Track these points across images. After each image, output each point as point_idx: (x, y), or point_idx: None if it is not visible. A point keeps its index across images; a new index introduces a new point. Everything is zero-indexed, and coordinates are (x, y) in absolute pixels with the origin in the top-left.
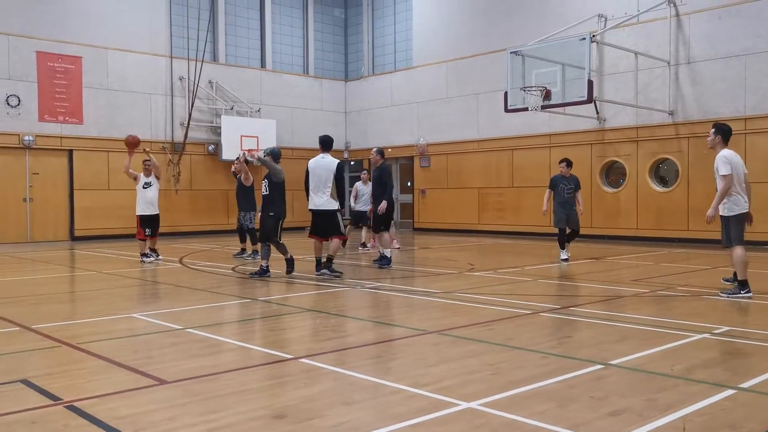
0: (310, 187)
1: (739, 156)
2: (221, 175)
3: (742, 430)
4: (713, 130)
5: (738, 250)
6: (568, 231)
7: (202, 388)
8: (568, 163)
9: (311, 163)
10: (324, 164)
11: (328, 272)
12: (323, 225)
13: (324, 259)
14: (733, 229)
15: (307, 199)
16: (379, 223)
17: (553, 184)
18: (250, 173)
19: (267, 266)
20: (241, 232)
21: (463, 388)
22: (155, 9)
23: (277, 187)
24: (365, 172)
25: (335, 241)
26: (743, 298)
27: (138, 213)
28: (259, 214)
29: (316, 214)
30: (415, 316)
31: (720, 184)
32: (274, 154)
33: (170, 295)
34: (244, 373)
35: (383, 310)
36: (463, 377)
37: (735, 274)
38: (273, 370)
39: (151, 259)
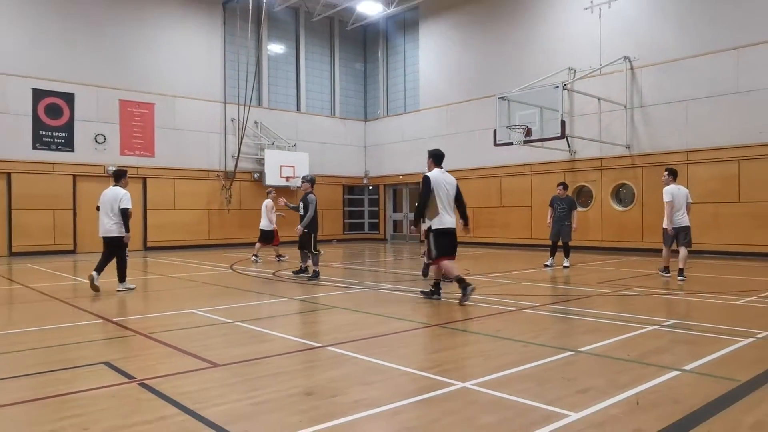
0: (444, 205)
1: (682, 188)
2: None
3: (684, 404)
4: (666, 172)
5: (682, 250)
6: (560, 243)
7: (246, 371)
8: (565, 186)
9: (435, 177)
10: (449, 180)
11: (437, 296)
12: (455, 243)
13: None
14: (669, 236)
15: (421, 215)
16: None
17: (551, 203)
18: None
19: (306, 267)
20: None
21: (459, 371)
22: (212, 65)
23: (311, 209)
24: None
25: (449, 265)
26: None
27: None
28: (299, 228)
29: (451, 233)
30: (420, 313)
31: (666, 207)
32: (312, 181)
33: (222, 295)
34: (281, 358)
35: (394, 307)
36: (459, 362)
37: (680, 270)
38: (305, 356)
39: (283, 258)
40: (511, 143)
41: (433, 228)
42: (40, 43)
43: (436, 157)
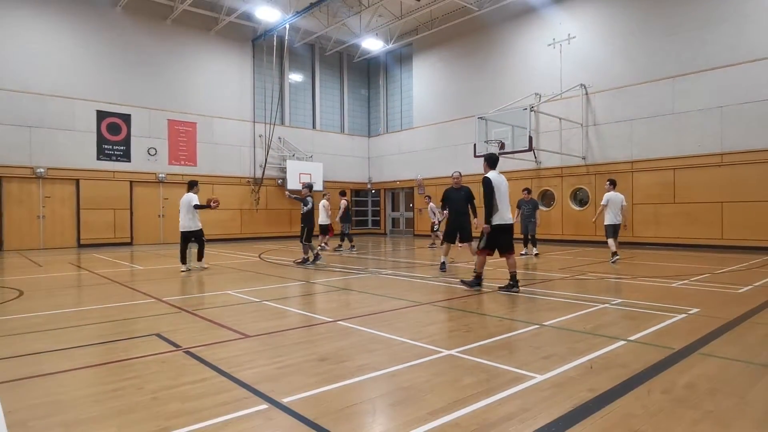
0: (503, 203)
1: (619, 194)
2: (286, 200)
3: (629, 368)
4: (608, 182)
5: (610, 241)
6: (529, 236)
7: (272, 341)
8: (528, 191)
9: (494, 178)
10: (505, 181)
11: (515, 289)
12: (509, 240)
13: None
14: (610, 230)
15: (490, 214)
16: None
17: (519, 205)
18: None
19: (307, 258)
20: (341, 235)
21: (446, 341)
22: (244, 91)
23: (308, 210)
24: (428, 196)
25: (514, 257)
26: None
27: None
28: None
29: (506, 230)
30: (414, 293)
31: (600, 208)
32: (309, 187)
33: (252, 279)
34: (300, 330)
35: (392, 289)
36: (446, 333)
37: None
38: (319, 329)
39: (326, 249)
40: None
41: (494, 224)
42: (103, 72)
43: (491, 161)
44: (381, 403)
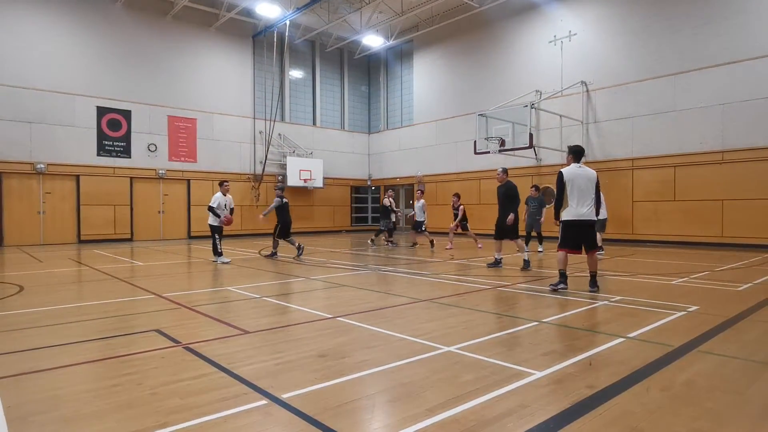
0: (575, 198)
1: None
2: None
3: (628, 365)
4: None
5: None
6: (534, 233)
7: (272, 337)
8: (537, 188)
9: (568, 173)
10: (585, 174)
11: (596, 288)
12: (586, 236)
13: (590, 276)
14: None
15: (558, 210)
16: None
17: (526, 201)
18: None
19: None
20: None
21: (445, 338)
22: (244, 87)
23: (282, 208)
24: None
25: (596, 256)
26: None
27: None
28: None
29: (580, 225)
30: (413, 290)
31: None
32: (281, 188)
33: (252, 275)
34: (300, 327)
35: (392, 286)
36: (445, 330)
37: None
38: (319, 325)
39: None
40: (489, 152)
41: (562, 219)
42: (103, 68)
43: (576, 154)
44: (380, 400)
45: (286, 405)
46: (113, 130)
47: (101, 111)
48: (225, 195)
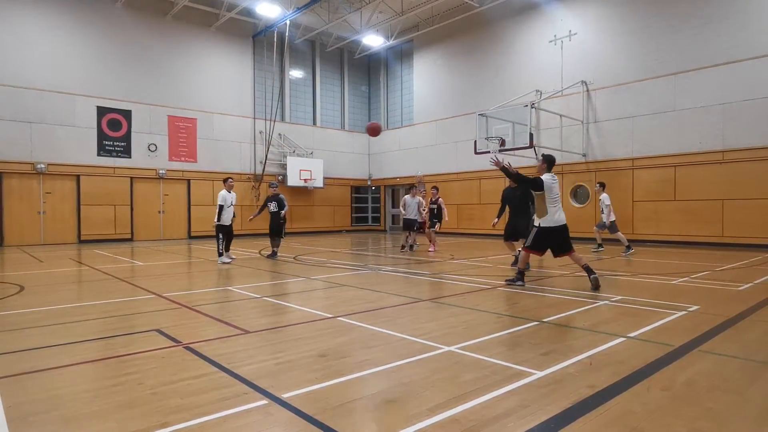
0: (554, 206)
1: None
2: (287, 195)
3: (629, 365)
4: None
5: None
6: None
7: (272, 337)
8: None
9: (547, 181)
10: (557, 183)
11: (595, 274)
12: (562, 240)
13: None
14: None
15: (519, 176)
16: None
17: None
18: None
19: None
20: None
21: (445, 338)
22: (244, 87)
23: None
24: (415, 188)
25: (576, 255)
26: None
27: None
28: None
29: (558, 230)
30: (414, 290)
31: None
32: (276, 186)
33: (253, 275)
34: (300, 326)
35: (392, 286)
36: (445, 330)
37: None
38: (319, 325)
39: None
40: (489, 152)
41: (541, 225)
42: (103, 68)
43: (552, 163)
44: (380, 399)
45: (287, 405)
46: (113, 130)
47: (101, 111)
48: (230, 192)
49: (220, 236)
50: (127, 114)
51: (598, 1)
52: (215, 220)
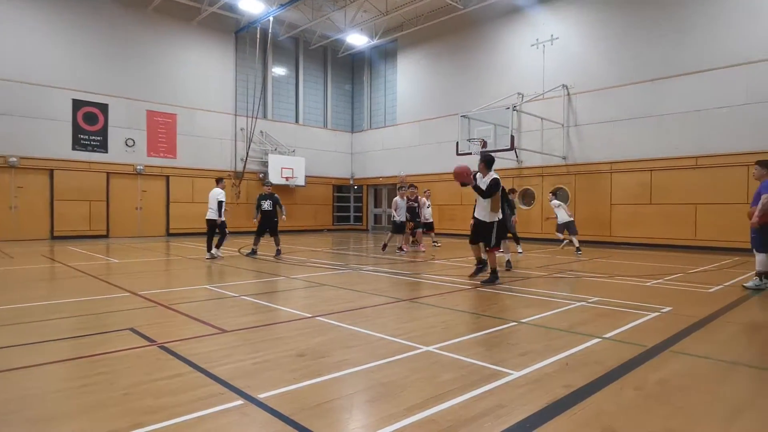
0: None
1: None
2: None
3: (604, 365)
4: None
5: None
6: (509, 235)
7: (250, 336)
8: (513, 191)
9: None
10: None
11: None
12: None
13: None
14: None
15: (481, 189)
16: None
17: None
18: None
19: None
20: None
21: (424, 338)
22: (226, 83)
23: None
24: (403, 188)
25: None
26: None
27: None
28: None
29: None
30: (394, 290)
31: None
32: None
33: (232, 274)
34: (278, 326)
35: (372, 285)
36: (425, 330)
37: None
38: (298, 324)
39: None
40: (471, 153)
41: (500, 221)
42: (80, 60)
43: (489, 162)
44: (358, 399)
45: (263, 405)
46: (89, 124)
47: (77, 104)
48: (222, 190)
49: (217, 231)
50: (103, 108)
51: (580, 7)
52: (220, 216)
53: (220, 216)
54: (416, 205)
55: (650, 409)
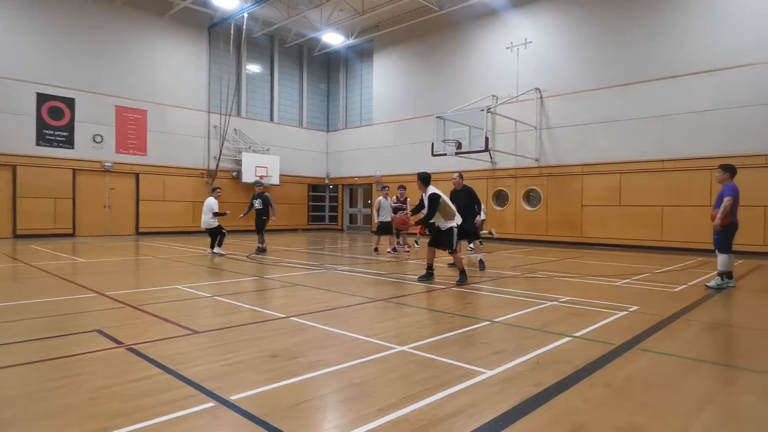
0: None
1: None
2: (241, 192)
3: (573, 363)
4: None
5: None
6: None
7: (222, 337)
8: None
9: (440, 194)
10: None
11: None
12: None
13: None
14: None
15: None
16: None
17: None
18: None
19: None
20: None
21: (399, 337)
22: (198, 79)
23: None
24: (387, 188)
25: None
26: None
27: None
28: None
29: (460, 229)
30: (369, 290)
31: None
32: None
33: (204, 273)
34: (252, 326)
35: (347, 285)
36: (399, 330)
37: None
38: (272, 325)
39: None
40: (446, 154)
41: (456, 226)
42: (46, 53)
43: (424, 180)
44: (331, 400)
45: (235, 407)
46: (55, 119)
47: (41, 98)
48: (216, 200)
49: (224, 231)
50: (70, 102)
51: (553, 12)
52: (215, 221)
53: (215, 222)
54: (405, 207)
55: (618, 405)
